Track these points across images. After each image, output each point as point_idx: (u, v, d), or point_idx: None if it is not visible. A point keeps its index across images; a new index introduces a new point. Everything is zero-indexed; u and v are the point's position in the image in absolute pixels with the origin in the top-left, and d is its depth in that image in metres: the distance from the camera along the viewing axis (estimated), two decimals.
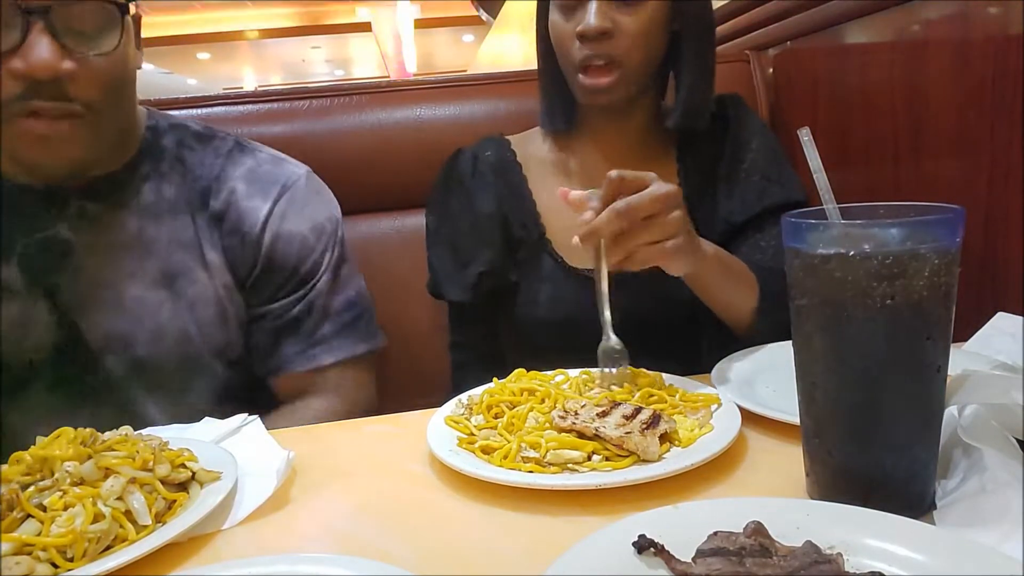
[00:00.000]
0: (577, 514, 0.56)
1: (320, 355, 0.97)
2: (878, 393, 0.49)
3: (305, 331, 0.97)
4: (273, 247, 0.95)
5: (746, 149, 1.05)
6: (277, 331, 0.96)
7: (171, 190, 0.94)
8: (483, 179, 1.07)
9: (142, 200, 0.93)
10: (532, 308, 1.03)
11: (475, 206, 1.06)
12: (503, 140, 1.12)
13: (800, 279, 0.51)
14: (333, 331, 0.98)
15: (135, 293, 0.91)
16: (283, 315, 0.96)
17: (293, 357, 0.96)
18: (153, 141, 0.96)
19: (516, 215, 1.05)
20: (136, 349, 0.90)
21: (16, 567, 0.49)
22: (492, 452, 0.63)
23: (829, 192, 0.54)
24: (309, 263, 0.97)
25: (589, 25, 0.92)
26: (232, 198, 0.95)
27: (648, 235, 0.74)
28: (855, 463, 0.51)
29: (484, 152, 1.10)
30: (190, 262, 0.93)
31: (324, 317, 0.98)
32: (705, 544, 0.44)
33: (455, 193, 1.09)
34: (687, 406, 0.70)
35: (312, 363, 0.96)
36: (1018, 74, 0.84)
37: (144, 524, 0.54)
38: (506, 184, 1.07)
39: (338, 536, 0.56)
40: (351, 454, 0.72)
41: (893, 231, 0.47)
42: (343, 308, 0.99)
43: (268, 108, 1.27)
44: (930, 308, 0.47)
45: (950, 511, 0.48)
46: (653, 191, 0.73)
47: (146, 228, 0.92)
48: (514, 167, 1.09)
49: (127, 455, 0.59)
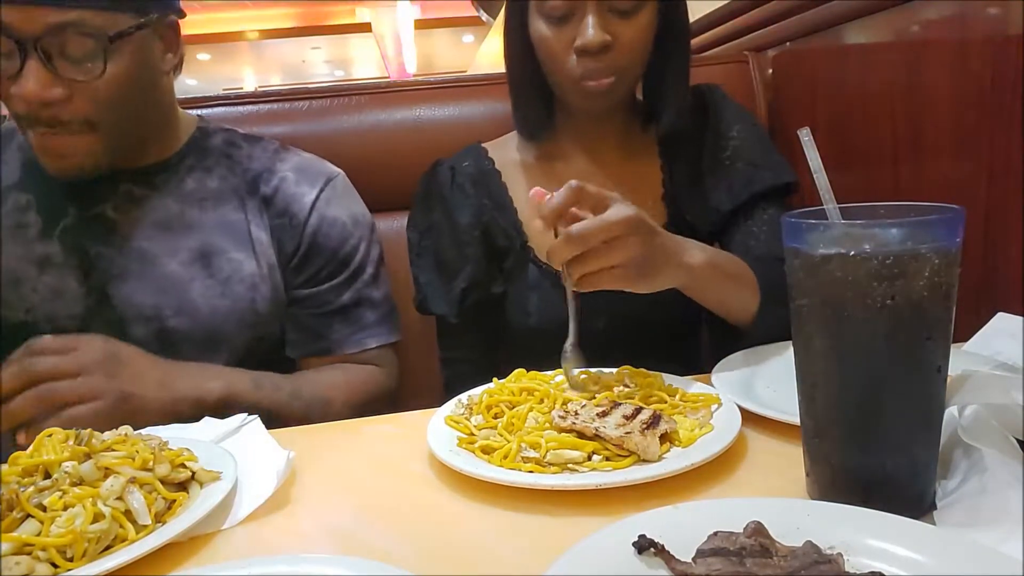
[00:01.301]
0: (577, 514, 0.56)
1: (366, 339, 1.05)
2: (878, 393, 0.49)
3: (354, 317, 1.05)
4: (318, 229, 1.03)
5: (727, 137, 1.04)
6: (328, 316, 1.04)
7: (215, 181, 1.03)
8: (462, 191, 1.06)
9: (185, 187, 1.01)
10: (524, 318, 1.02)
11: (456, 220, 1.04)
12: (480, 148, 1.10)
13: (800, 279, 0.51)
14: (376, 319, 1.07)
15: (168, 269, 0.97)
16: (333, 300, 1.04)
17: (344, 340, 1.04)
18: (201, 139, 1.05)
19: (498, 225, 1.04)
20: (164, 320, 0.96)
21: (16, 567, 0.49)
22: (492, 452, 0.63)
23: (829, 192, 0.54)
24: (348, 247, 1.05)
25: (589, 40, 0.90)
26: (282, 185, 1.04)
27: (605, 260, 0.71)
28: (855, 463, 0.51)
29: (462, 163, 1.08)
30: (230, 242, 1.00)
31: (369, 306, 1.07)
32: (705, 544, 0.44)
33: (435, 207, 1.07)
34: (687, 406, 0.70)
35: (359, 347, 1.05)
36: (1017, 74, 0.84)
37: (144, 524, 0.54)
38: (486, 194, 1.05)
39: (338, 536, 0.56)
40: (351, 454, 0.72)
41: (893, 231, 0.47)
42: (382, 300, 1.09)
43: (268, 109, 1.27)
44: (930, 308, 0.47)
45: (950, 511, 0.48)
46: (609, 216, 0.70)
47: (187, 211, 1.00)
48: (493, 176, 1.07)
49: (127, 455, 0.59)
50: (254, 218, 1.02)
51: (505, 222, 1.04)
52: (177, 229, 0.99)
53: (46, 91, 0.84)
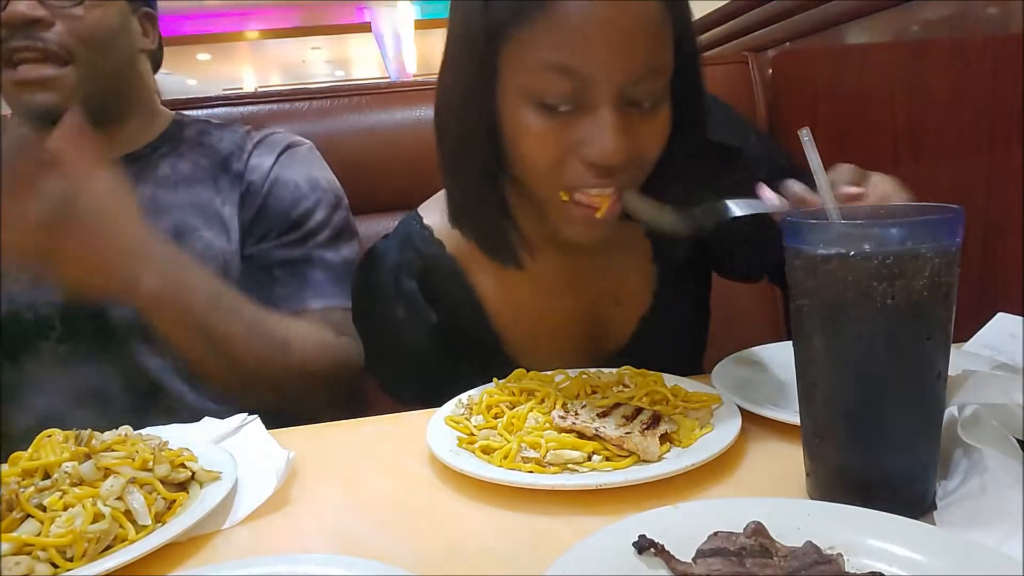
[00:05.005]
0: (577, 514, 0.56)
1: (310, 299, 1.00)
2: (878, 393, 0.49)
3: (300, 275, 1.01)
4: (270, 191, 1.04)
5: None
6: (269, 269, 1.02)
7: (188, 166, 1.05)
8: (410, 300, 0.85)
9: (159, 173, 1.03)
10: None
11: (406, 339, 0.86)
12: (424, 230, 0.86)
13: (800, 279, 0.51)
14: (326, 279, 1.02)
15: None
16: (278, 256, 1.02)
17: (286, 295, 1.00)
18: (176, 131, 1.08)
19: (463, 325, 0.86)
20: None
21: (16, 567, 0.49)
22: (492, 452, 0.63)
23: (829, 192, 0.54)
24: (301, 208, 1.03)
25: (611, 152, 0.67)
26: (249, 160, 1.06)
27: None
28: (855, 463, 0.51)
29: (405, 256, 0.85)
30: (201, 220, 1.01)
31: (319, 266, 1.03)
32: (705, 544, 0.44)
33: (378, 315, 0.88)
34: (687, 406, 0.70)
35: (301, 304, 0.99)
36: (1017, 74, 0.84)
37: (144, 524, 0.54)
38: (442, 292, 0.85)
39: (338, 536, 0.56)
40: (351, 454, 0.71)
41: (893, 231, 0.47)
42: (339, 264, 1.04)
43: (268, 109, 1.28)
44: (930, 308, 0.47)
45: (950, 511, 0.48)
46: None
47: (159, 193, 1.01)
48: (447, 267, 0.85)
49: (126, 455, 0.59)
50: (226, 196, 1.03)
51: (472, 323, 0.86)
52: (150, 211, 0.98)
53: (32, 10, 0.90)
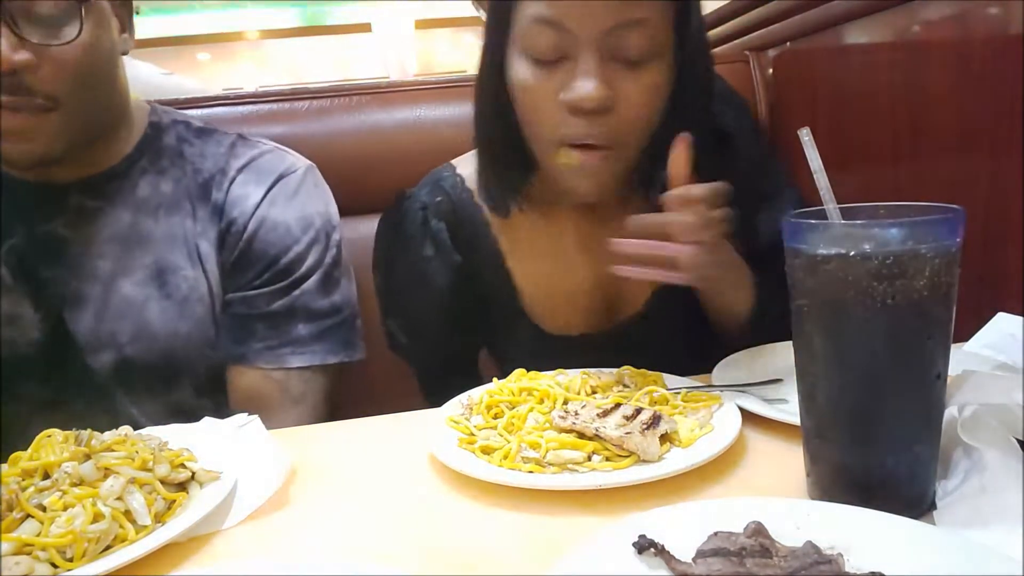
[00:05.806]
0: (577, 514, 0.56)
1: (288, 356, 0.93)
2: (878, 393, 0.49)
3: (280, 328, 0.93)
4: (255, 233, 0.93)
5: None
6: (250, 320, 0.93)
7: (169, 185, 0.94)
8: (438, 240, 0.88)
9: (138, 195, 0.93)
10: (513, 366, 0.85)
11: (430, 278, 0.89)
12: (456, 177, 0.92)
13: (800, 279, 0.51)
14: (309, 334, 0.94)
15: (123, 291, 0.91)
16: (261, 306, 0.93)
17: (261, 352, 0.92)
18: (154, 137, 0.96)
19: (484, 274, 0.89)
20: (123, 347, 0.90)
21: (16, 567, 0.49)
22: (492, 452, 0.63)
23: (829, 192, 0.54)
24: (291, 255, 0.94)
25: (587, 94, 0.71)
26: (232, 188, 0.95)
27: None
28: (855, 463, 0.51)
29: (435, 198, 0.90)
30: (183, 258, 0.92)
31: (304, 318, 0.94)
32: (705, 544, 0.44)
33: (402, 257, 0.91)
34: (688, 406, 0.70)
35: (278, 362, 0.92)
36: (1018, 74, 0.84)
37: (143, 524, 0.54)
38: (467, 239, 0.89)
39: (338, 536, 0.56)
40: (351, 454, 0.71)
41: (893, 231, 0.47)
42: (326, 312, 0.95)
43: (268, 109, 1.27)
44: (930, 308, 0.47)
45: (950, 511, 0.48)
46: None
47: (140, 223, 0.92)
48: (475, 215, 0.89)
49: (126, 455, 0.59)
50: (203, 229, 0.94)
51: (493, 274, 0.88)
52: (131, 243, 0.92)
53: (15, 54, 0.77)
